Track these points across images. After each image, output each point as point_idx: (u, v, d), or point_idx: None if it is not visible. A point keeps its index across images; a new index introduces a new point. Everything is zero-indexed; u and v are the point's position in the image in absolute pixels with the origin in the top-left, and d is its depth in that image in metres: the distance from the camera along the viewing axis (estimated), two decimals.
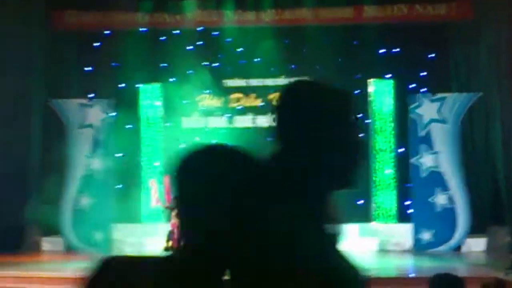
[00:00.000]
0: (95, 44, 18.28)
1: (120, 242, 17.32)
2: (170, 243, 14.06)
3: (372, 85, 18.02)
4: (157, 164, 18.37)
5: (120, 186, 17.81)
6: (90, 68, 18.32)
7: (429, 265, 13.86)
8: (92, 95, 18.01)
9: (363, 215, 17.42)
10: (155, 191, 15.07)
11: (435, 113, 16.70)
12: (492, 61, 16.77)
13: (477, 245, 16.25)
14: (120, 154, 17.88)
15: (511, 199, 15.70)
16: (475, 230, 16.46)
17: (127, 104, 17.97)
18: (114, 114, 17.66)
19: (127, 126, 18.13)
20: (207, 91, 18.48)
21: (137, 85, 18.42)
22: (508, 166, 16.00)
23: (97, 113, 17.65)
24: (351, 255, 2.00)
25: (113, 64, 18.11)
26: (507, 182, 16.04)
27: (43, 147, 17.83)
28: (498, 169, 16.41)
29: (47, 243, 17.56)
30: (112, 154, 17.57)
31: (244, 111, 18.53)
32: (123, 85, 18.14)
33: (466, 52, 17.34)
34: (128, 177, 17.86)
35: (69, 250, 17.13)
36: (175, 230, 14.12)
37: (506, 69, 16.45)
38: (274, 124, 2.06)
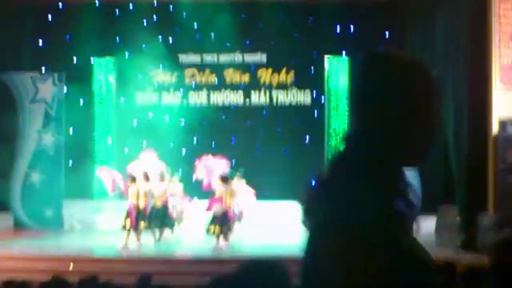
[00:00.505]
0: (48, 17, 17.97)
1: (70, 218, 17.14)
2: (128, 221, 13.95)
3: (328, 62, 18.00)
4: (109, 139, 18.18)
5: (72, 162, 17.60)
6: (43, 41, 18.02)
7: None
8: (44, 68, 17.70)
9: None
10: (109, 179, 14.83)
11: None
12: (446, 41, 16.83)
13: (427, 224, 16.38)
14: (72, 129, 17.67)
15: (462, 179, 15.84)
16: (425, 209, 16.52)
17: (80, 78, 17.74)
18: (66, 88, 17.38)
19: (80, 101, 17.91)
20: (162, 67, 18.30)
21: (91, 59, 18.16)
22: (459, 146, 16.13)
23: (49, 87, 17.34)
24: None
25: (67, 37, 17.83)
26: (458, 161, 16.17)
27: None
28: (450, 148, 16.54)
29: None
30: (64, 129, 17.32)
31: (199, 87, 18.39)
32: (77, 59, 17.87)
33: (420, 31, 17.39)
34: (80, 153, 17.65)
35: (18, 226, 16.87)
36: (133, 210, 14.02)
37: (460, 45, 16.52)
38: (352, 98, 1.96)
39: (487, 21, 15.19)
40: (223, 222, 13.72)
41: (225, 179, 14.03)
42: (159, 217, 14.61)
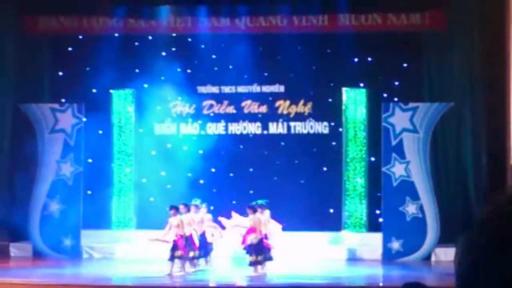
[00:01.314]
0: (68, 49, 18.20)
1: (89, 248, 17.19)
2: (179, 252, 13.97)
3: (345, 94, 18.06)
4: (128, 170, 18.27)
5: (90, 192, 17.69)
6: (62, 73, 18.22)
7: (398, 275, 13.89)
8: (64, 100, 17.88)
9: (334, 224, 17.46)
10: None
11: (407, 122, 16.76)
12: (465, 71, 16.87)
13: (446, 254, 16.31)
14: (91, 159, 17.79)
15: (481, 209, 15.79)
16: (445, 239, 16.52)
17: (99, 109, 17.89)
18: (85, 119, 17.53)
19: (99, 132, 18.05)
20: (180, 98, 18.42)
21: (110, 90, 18.33)
22: (478, 176, 16.10)
23: (68, 118, 17.48)
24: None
25: (86, 68, 18.02)
26: (477, 192, 16.13)
27: (13, 151, 17.67)
28: (469, 179, 16.51)
29: (15, 249, 17.34)
30: (83, 159, 17.44)
31: (216, 118, 18.49)
32: (96, 90, 18.05)
33: (438, 61, 17.44)
34: (98, 183, 17.76)
35: (37, 255, 16.93)
36: (181, 240, 14.07)
37: (478, 79, 16.56)
38: None
39: (505, 49, 15.22)
40: (260, 251, 13.82)
41: (253, 209, 14.06)
42: (202, 246, 14.69)
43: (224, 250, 15.73)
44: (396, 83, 17.80)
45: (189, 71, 18.34)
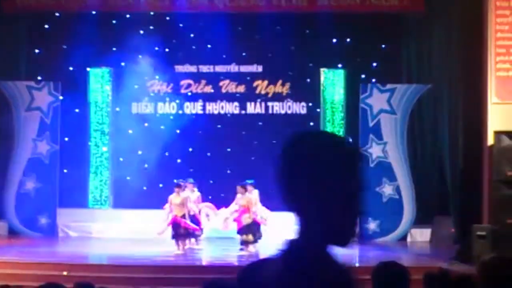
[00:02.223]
0: (45, 26, 18.01)
1: (65, 227, 17.14)
2: (182, 230, 14.11)
3: (324, 75, 18.06)
4: (105, 149, 18.19)
5: (67, 170, 17.61)
6: (39, 50, 18.06)
7: (374, 255, 13.96)
8: (40, 77, 17.74)
9: None
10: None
11: (385, 103, 16.81)
12: (443, 53, 16.91)
13: (422, 235, 16.43)
14: (67, 138, 17.69)
15: (456, 191, 15.89)
16: (420, 220, 16.65)
17: (76, 87, 17.77)
18: (62, 97, 17.40)
19: (76, 110, 17.94)
20: (158, 77, 18.33)
21: (87, 69, 18.19)
22: (454, 157, 16.19)
23: (45, 96, 17.37)
24: None
25: (63, 46, 17.86)
26: (452, 174, 16.23)
27: None
28: (445, 160, 16.60)
29: None
30: (59, 137, 17.33)
31: (194, 97, 18.42)
32: (73, 68, 17.90)
33: (417, 43, 17.49)
34: (75, 162, 17.66)
35: (13, 234, 16.86)
36: (180, 219, 14.04)
37: (456, 61, 16.60)
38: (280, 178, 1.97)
39: (483, 34, 15.26)
40: (254, 230, 13.88)
41: (245, 188, 14.12)
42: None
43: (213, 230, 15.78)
44: (374, 64, 17.83)
45: (167, 50, 18.25)
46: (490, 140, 14.17)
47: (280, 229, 16.01)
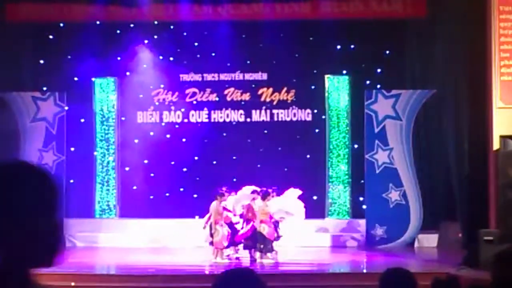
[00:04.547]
0: (49, 37, 18.07)
1: (72, 237, 17.14)
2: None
3: (328, 81, 18.07)
4: (111, 159, 18.21)
5: (73, 181, 17.62)
6: (44, 61, 18.10)
7: (382, 261, 13.94)
8: (45, 88, 17.78)
9: (318, 211, 17.48)
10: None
11: (390, 109, 16.81)
12: (447, 59, 16.90)
13: (429, 241, 16.40)
14: (73, 148, 17.71)
15: (463, 196, 15.86)
16: (427, 226, 16.62)
17: (81, 97, 17.81)
18: (67, 107, 17.43)
19: (81, 120, 17.98)
20: (163, 86, 18.36)
21: (92, 79, 18.23)
22: (460, 162, 16.16)
23: (50, 106, 17.41)
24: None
25: (68, 56, 17.90)
26: (459, 179, 16.20)
27: None
28: (451, 165, 16.57)
29: None
30: (65, 148, 17.36)
31: (199, 106, 18.44)
32: (78, 78, 17.94)
33: (421, 49, 17.47)
34: (81, 172, 17.68)
35: None
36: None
37: (460, 66, 16.60)
38: None
39: (487, 39, 15.27)
40: (264, 241, 13.82)
41: (265, 197, 14.09)
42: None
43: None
44: (379, 70, 17.84)
45: (171, 58, 18.28)
46: (496, 144, 14.17)
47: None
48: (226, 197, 14.35)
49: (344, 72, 18.05)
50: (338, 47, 17.95)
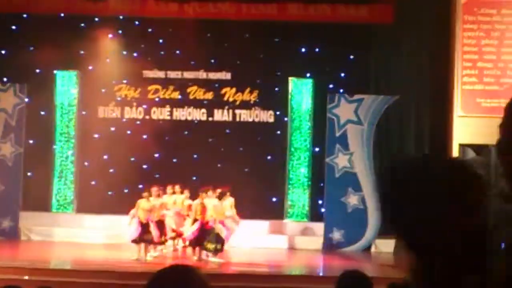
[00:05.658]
0: (12, 27, 17.84)
1: (27, 230, 16.92)
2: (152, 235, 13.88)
3: (292, 83, 18.08)
4: (70, 153, 18.01)
5: (31, 173, 17.40)
6: (5, 52, 17.87)
7: (338, 264, 13.98)
8: (6, 79, 17.53)
9: (276, 213, 17.49)
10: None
11: (352, 114, 16.86)
12: (411, 65, 17.03)
13: (386, 246, 16.49)
14: (32, 141, 17.49)
15: None
16: (385, 231, 16.69)
17: (42, 89, 17.58)
18: (28, 99, 17.21)
19: (41, 112, 17.76)
20: (125, 81, 18.23)
21: (54, 71, 18.01)
22: None
23: (10, 97, 17.15)
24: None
25: (30, 48, 17.68)
26: None
27: None
28: None
29: None
30: (24, 140, 17.13)
31: (161, 103, 18.35)
32: (39, 70, 17.73)
33: (385, 55, 17.58)
34: (39, 165, 17.46)
35: None
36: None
37: (424, 74, 16.73)
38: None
39: (450, 47, 15.42)
40: (217, 239, 13.74)
41: (221, 196, 14.12)
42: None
43: None
44: (343, 74, 17.90)
45: (135, 54, 18.17)
46: (455, 152, 14.31)
47: (235, 238, 16.04)
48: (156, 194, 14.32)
49: (308, 75, 18.08)
50: (303, 49, 17.99)
